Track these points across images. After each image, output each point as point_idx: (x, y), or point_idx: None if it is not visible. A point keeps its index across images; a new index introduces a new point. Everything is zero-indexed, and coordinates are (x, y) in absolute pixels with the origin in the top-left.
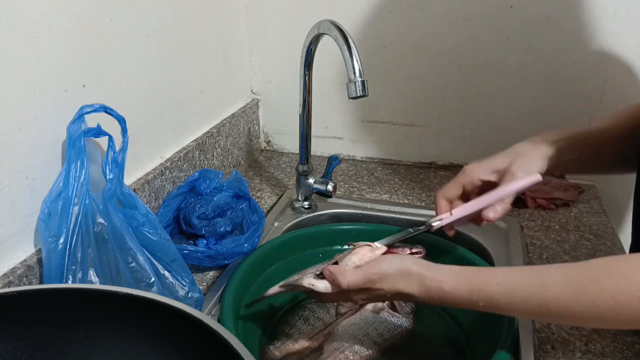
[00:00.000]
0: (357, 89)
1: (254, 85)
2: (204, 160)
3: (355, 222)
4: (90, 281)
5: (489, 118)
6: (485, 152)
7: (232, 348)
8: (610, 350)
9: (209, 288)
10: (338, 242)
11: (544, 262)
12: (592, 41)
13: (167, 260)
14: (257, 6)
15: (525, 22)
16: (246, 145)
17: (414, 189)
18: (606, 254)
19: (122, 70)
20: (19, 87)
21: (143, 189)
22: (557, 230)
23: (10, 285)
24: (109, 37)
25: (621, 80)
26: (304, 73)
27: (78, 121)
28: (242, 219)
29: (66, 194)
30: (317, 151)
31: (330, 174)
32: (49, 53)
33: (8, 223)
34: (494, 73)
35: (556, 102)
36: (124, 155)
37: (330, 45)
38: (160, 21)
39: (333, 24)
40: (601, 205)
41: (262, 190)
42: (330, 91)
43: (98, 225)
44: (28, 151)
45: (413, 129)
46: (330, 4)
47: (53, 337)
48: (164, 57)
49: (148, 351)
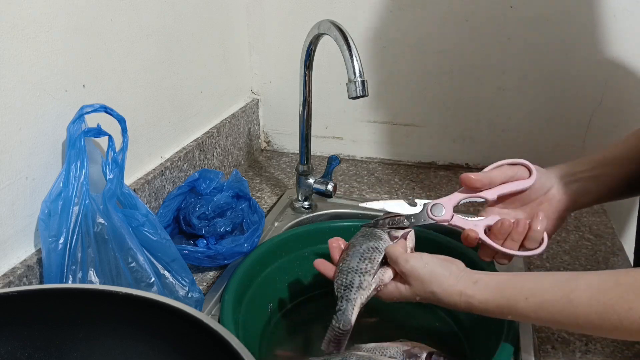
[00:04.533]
0: (357, 89)
1: (254, 85)
2: (204, 160)
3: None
4: (90, 281)
5: (489, 118)
6: (485, 152)
7: (232, 348)
8: (610, 350)
9: (209, 288)
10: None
11: (544, 262)
12: (592, 42)
13: (167, 260)
14: (257, 6)
15: (525, 22)
16: (246, 145)
17: (414, 189)
18: (606, 254)
19: (122, 70)
20: (19, 87)
21: (143, 189)
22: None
23: (10, 285)
24: (109, 37)
25: (621, 80)
26: (304, 73)
27: (78, 121)
28: (242, 219)
29: (66, 194)
30: (317, 151)
31: (330, 174)
32: (49, 53)
33: (8, 223)
34: (494, 73)
35: (556, 102)
36: (124, 155)
37: (330, 45)
38: (160, 21)
39: (333, 24)
40: (601, 205)
41: (262, 190)
42: (330, 91)
43: (98, 225)
44: (28, 151)
45: (413, 129)
46: (330, 4)
47: (53, 337)
48: (164, 57)
49: (148, 351)
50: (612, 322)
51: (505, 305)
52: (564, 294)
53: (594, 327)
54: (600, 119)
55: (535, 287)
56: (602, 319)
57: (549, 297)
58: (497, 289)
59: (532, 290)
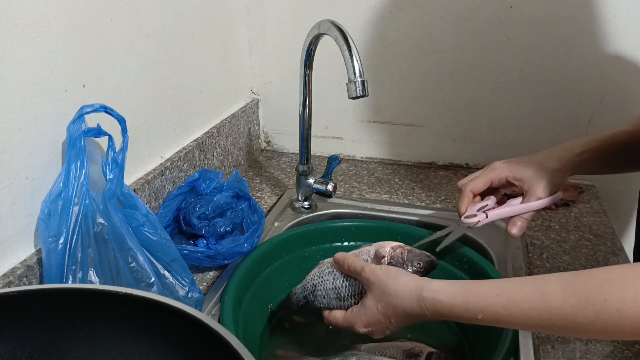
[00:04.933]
0: (357, 89)
1: (254, 85)
2: (204, 160)
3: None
4: (90, 281)
5: (489, 118)
6: (485, 152)
7: (232, 348)
8: (610, 350)
9: (209, 288)
10: (338, 240)
11: (543, 262)
12: (592, 41)
13: (167, 260)
14: (257, 6)
15: (525, 22)
16: (246, 145)
17: (414, 189)
18: (606, 254)
19: (122, 70)
20: (19, 87)
21: (143, 189)
22: (557, 230)
23: (10, 285)
24: (109, 37)
25: (621, 80)
26: (304, 73)
27: (78, 121)
28: (242, 219)
29: (66, 194)
30: (317, 151)
31: (330, 174)
32: (49, 53)
33: (8, 223)
34: (494, 73)
35: (556, 102)
36: (124, 155)
37: (330, 45)
38: (160, 21)
39: (333, 24)
40: (601, 205)
41: (262, 190)
42: (330, 91)
43: (98, 225)
44: (28, 151)
45: (413, 129)
46: (330, 4)
47: (53, 337)
48: (164, 57)
49: (148, 351)
50: (587, 316)
51: (473, 302)
52: (536, 288)
53: (568, 323)
54: (601, 118)
55: (506, 285)
56: (576, 313)
57: (520, 292)
58: (464, 288)
59: (503, 287)
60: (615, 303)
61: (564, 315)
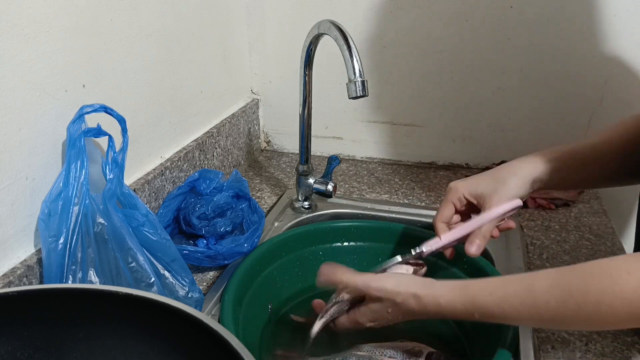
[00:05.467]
0: (357, 89)
1: (254, 85)
2: (204, 160)
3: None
4: (90, 281)
5: (489, 118)
6: (485, 152)
7: (232, 348)
8: (610, 350)
9: (209, 288)
10: (338, 240)
11: (544, 262)
12: (592, 41)
13: (167, 260)
14: (257, 6)
15: (525, 22)
16: (246, 145)
17: (414, 189)
18: (606, 254)
19: (122, 70)
20: (19, 87)
21: (143, 189)
22: (557, 230)
23: (10, 285)
24: (109, 37)
25: (621, 80)
26: (304, 73)
27: (78, 121)
28: (242, 219)
29: (66, 194)
30: (317, 151)
31: (330, 174)
32: (49, 53)
33: (8, 223)
34: (494, 73)
35: (556, 102)
36: (124, 155)
37: (330, 45)
38: (160, 21)
39: (333, 24)
40: (601, 205)
41: (262, 190)
42: (330, 91)
43: (98, 225)
44: (28, 151)
45: (413, 129)
46: (330, 4)
47: (53, 337)
48: (164, 57)
49: (148, 351)
50: (571, 308)
51: (470, 302)
52: (526, 284)
53: (554, 316)
54: (600, 118)
55: (498, 283)
56: (560, 305)
57: (511, 289)
58: (462, 290)
59: (496, 285)
60: (594, 294)
61: (550, 309)
